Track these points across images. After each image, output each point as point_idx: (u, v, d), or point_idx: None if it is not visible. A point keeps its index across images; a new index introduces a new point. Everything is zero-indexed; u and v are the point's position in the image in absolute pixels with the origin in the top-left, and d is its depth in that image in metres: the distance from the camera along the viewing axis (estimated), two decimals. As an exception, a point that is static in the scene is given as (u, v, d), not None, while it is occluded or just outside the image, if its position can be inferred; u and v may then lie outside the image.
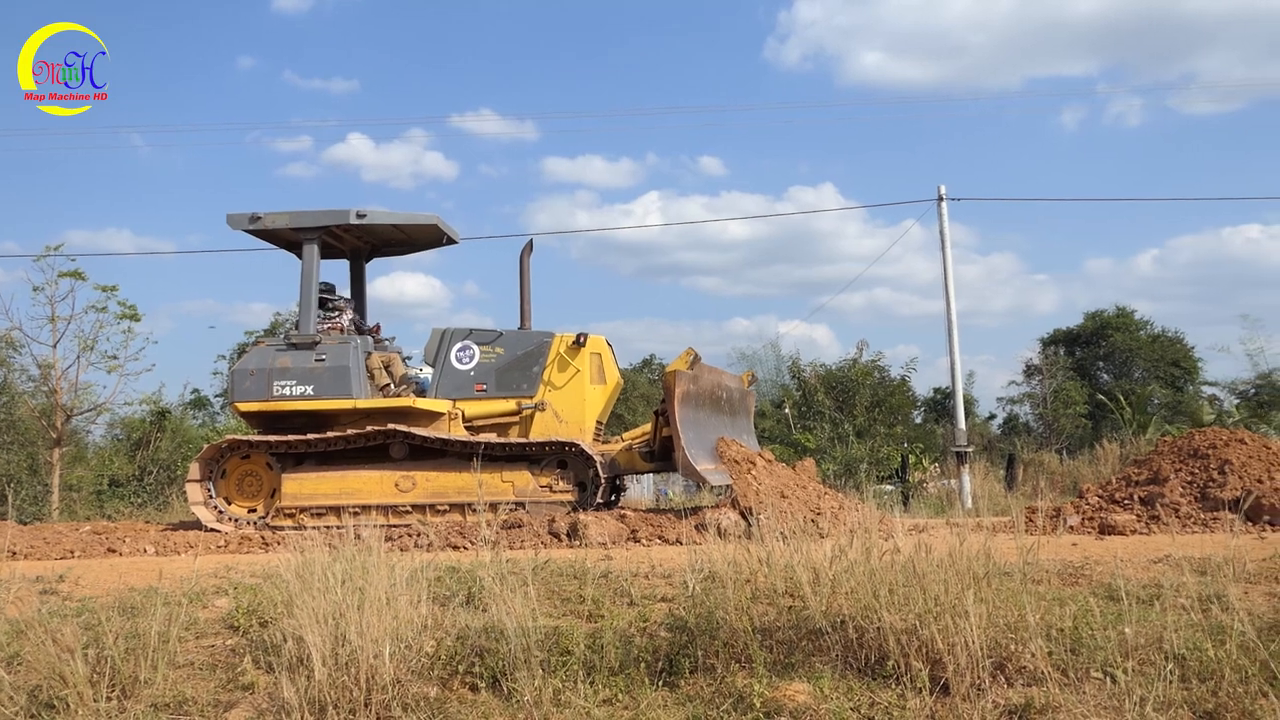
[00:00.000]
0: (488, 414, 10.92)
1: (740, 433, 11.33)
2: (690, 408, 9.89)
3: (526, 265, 11.42)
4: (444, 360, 11.04)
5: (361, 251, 12.43)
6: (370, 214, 11.04)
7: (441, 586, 5.90)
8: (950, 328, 19.29)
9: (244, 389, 10.76)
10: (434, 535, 8.29)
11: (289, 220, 11.03)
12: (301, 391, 10.62)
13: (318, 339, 10.81)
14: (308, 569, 5.21)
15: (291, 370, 10.68)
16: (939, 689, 4.42)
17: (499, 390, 10.92)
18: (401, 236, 12.06)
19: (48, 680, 4.66)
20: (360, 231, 11.67)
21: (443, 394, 10.94)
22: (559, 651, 4.87)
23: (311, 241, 11.02)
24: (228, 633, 5.46)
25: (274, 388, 10.63)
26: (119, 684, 4.69)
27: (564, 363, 10.87)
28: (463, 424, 10.83)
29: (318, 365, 10.67)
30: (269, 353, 10.91)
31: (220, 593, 6.11)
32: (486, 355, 10.98)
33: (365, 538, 5.57)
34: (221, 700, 4.76)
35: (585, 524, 8.45)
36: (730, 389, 11.30)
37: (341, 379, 10.61)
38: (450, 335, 11.17)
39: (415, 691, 4.65)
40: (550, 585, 6.07)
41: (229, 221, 11.15)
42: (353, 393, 10.58)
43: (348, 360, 10.65)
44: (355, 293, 12.45)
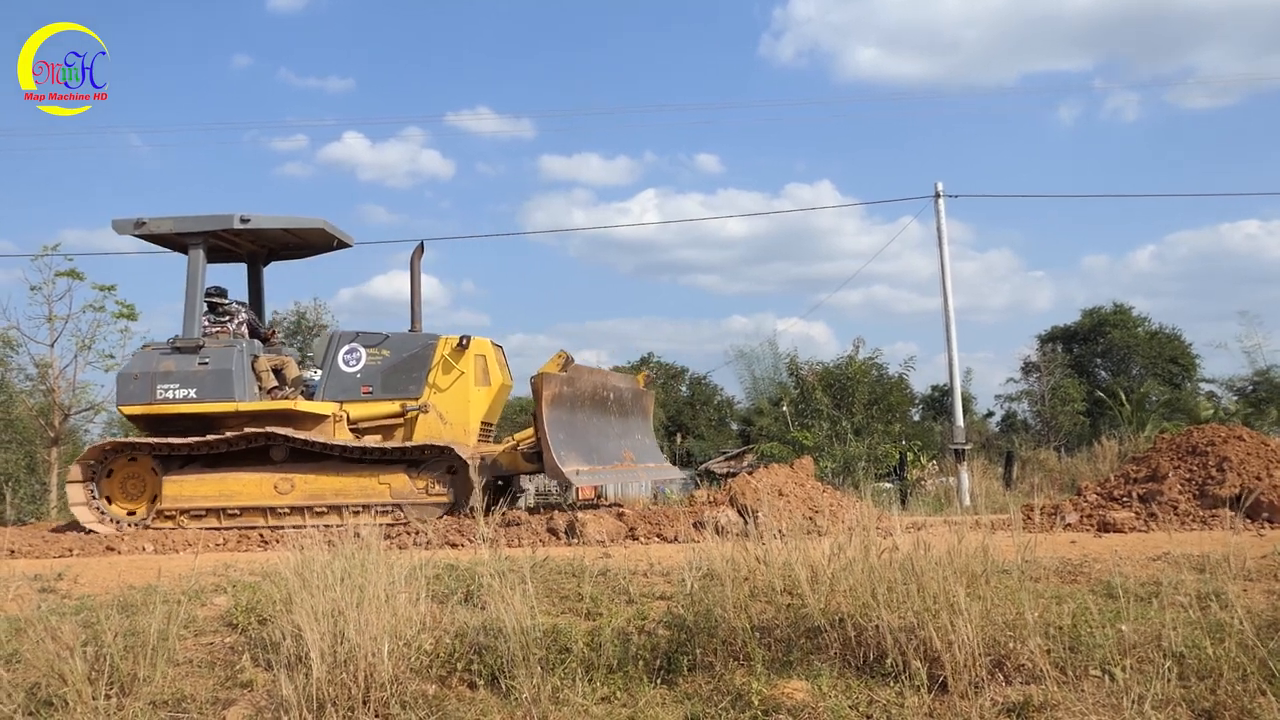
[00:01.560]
0: (372, 416, 10.96)
1: (632, 433, 11.56)
2: (563, 410, 9.99)
3: (417, 268, 11.48)
4: (332, 362, 11.09)
5: (258, 256, 12.49)
6: (254, 219, 11.09)
7: (440, 584, 5.90)
8: (948, 325, 19.28)
9: (128, 392, 10.81)
10: (432, 533, 8.29)
11: (173, 225, 11.09)
12: (184, 395, 10.64)
13: (201, 343, 10.84)
14: (307, 567, 5.21)
15: (175, 374, 10.70)
16: (937, 687, 4.43)
17: (385, 392, 10.96)
18: (294, 240, 12.11)
19: (46, 678, 4.66)
20: (252, 236, 11.69)
21: (330, 396, 10.99)
22: (557, 649, 4.87)
23: (196, 246, 11.06)
24: (227, 630, 5.46)
25: (157, 391, 10.67)
26: (118, 682, 4.69)
27: (448, 365, 10.88)
28: (347, 426, 10.88)
29: (201, 368, 10.70)
30: (153, 356, 10.92)
31: (219, 590, 6.11)
32: (373, 358, 11.03)
33: (364, 535, 5.57)
34: (220, 698, 4.77)
35: (583, 522, 8.46)
36: (621, 390, 11.45)
37: (224, 382, 10.62)
38: (338, 338, 11.26)
39: (414, 689, 4.65)
40: (548, 583, 6.07)
41: (115, 227, 11.20)
42: (235, 395, 10.61)
43: (230, 363, 10.67)
44: (253, 296, 12.52)
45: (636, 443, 11.66)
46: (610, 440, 10.99)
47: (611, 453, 10.81)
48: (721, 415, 57.29)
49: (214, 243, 11.59)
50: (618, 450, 10.99)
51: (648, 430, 12.26)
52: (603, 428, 10.84)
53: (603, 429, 10.84)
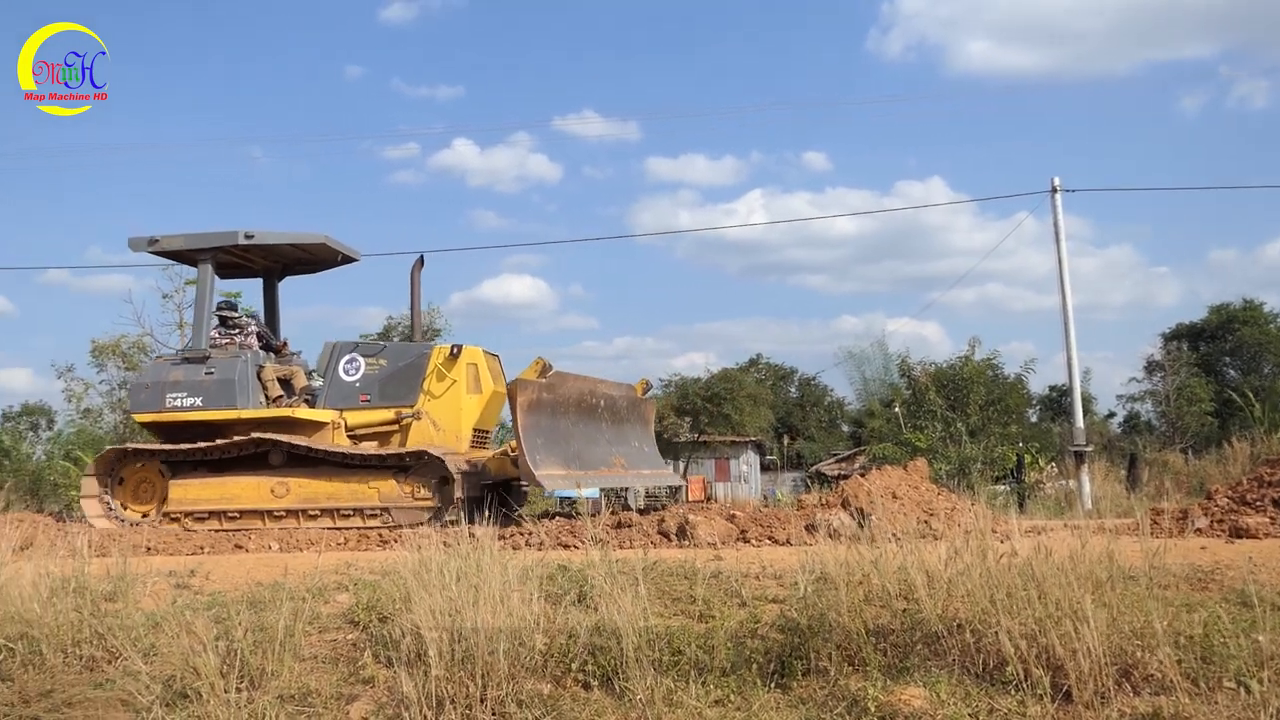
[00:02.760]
0: (369, 423, 11.24)
1: (628, 440, 11.77)
2: (542, 415, 10.13)
3: (417, 280, 11.81)
4: (332, 372, 11.43)
5: (272, 271, 12.99)
6: (259, 234, 11.50)
7: (553, 585, 5.95)
8: (1066, 323, 18.78)
9: (139, 401, 11.42)
10: (545, 535, 8.38)
11: (184, 242, 11.57)
12: (191, 403, 11.09)
13: (208, 353, 11.28)
14: (424, 566, 5.33)
15: (183, 383, 11.17)
16: (1061, 696, 4.31)
17: (382, 400, 11.23)
18: (302, 255, 12.54)
19: (182, 671, 4.86)
20: (261, 251, 12.11)
21: (330, 404, 11.31)
22: (670, 651, 4.88)
23: (205, 262, 11.56)
24: (349, 627, 5.61)
25: (166, 399, 11.14)
26: (248, 675, 4.86)
27: (441, 374, 11.11)
28: (345, 433, 11.17)
29: (207, 378, 11.14)
30: (164, 367, 11.53)
31: (341, 589, 6.28)
32: (371, 367, 11.31)
33: (479, 536, 5.67)
34: (343, 693, 4.90)
35: (695, 524, 8.46)
36: (612, 397, 11.63)
37: (228, 391, 11.04)
38: (339, 348, 11.57)
39: (529, 688, 4.72)
40: (660, 585, 6.08)
41: (130, 245, 11.70)
42: (237, 403, 10.99)
43: (234, 373, 11.09)
44: (267, 310, 13.09)
45: (633, 449, 11.86)
46: (599, 446, 11.16)
47: (599, 458, 10.97)
48: (832, 417, 56.70)
49: (226, 259, 12.12)
50: (607, 456, 11.16)
51: (646, 437, 12.51)
52: (591, 434, 11.04)
53: (591, 435, 11.03)
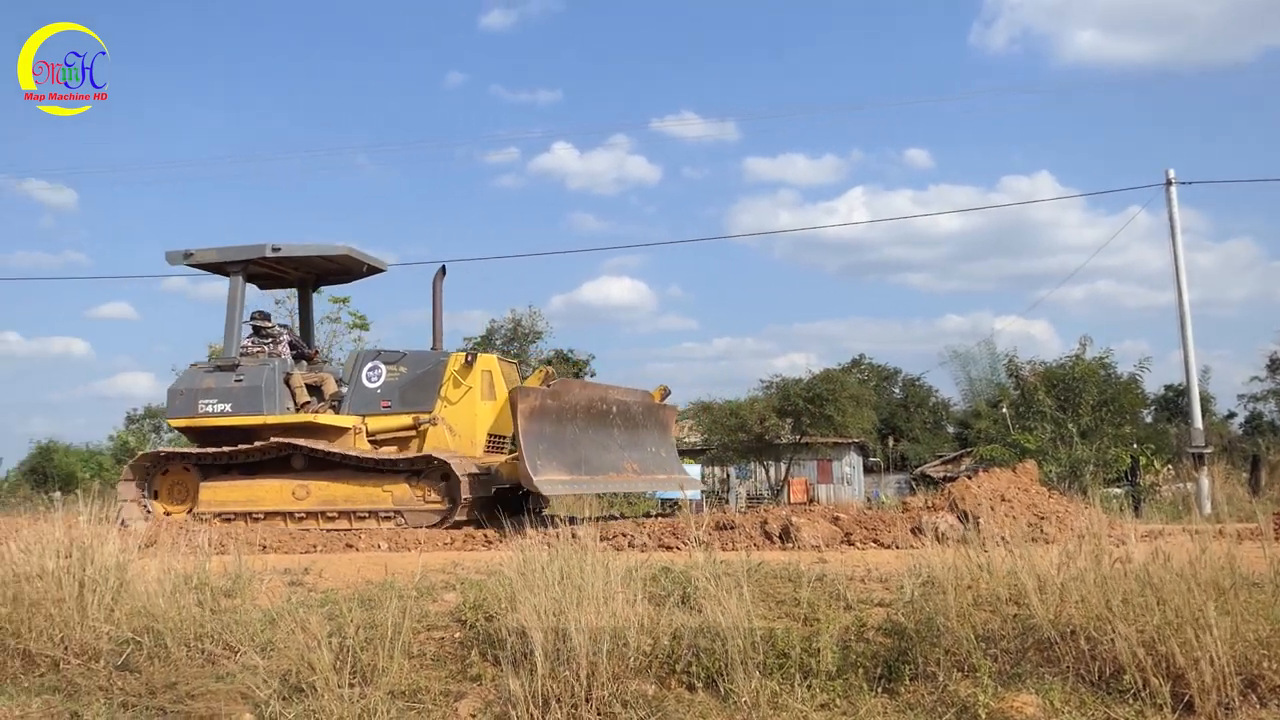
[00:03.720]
0: (389, 428, 11.55)
1: (644, 445, 11.96)
2: (545, 422, 10.33)
3: (439, 290, 12.15)
4: (356, 379, 11.79)
5: (306, 282, 13.58)
6: (285, 247, 11.99)
7: (656, 586, 5.96)
8: (1183, 320, 18.15)
9: (175, 407, 11.96)
10: (647, 536, 8.41)
11: (216, 255, 12.12)
12: (221, 409, 11.62)
13: (238, 361, 11.81)
14: (528, 566, 5.40)
15: (214, 390, 11.71)
16: (1182, 707, 4.17)
17: (402, 406, 11.54)
18: (331, 266, 13.05)
19: (297, 666, 5.00)
20: (292, 263, 12.61)
21: (353, 410, 11.66)
22: (775, 654, 4.85)
23: (236, 274, 12.05)
24: (456, 626, 5.69)
25: (199, 405, 11.70)
26: (359, 671, 4.98)
27: (457, 381, 11.40)
28: (366, 438, 11.50)
29: (236, 385, 11.65)
30: (197, 374, 12.08)
31: (448, 588, 6.38)
32: (392, 374, 11.66)
33: (581, 537, 5.72)
34: (451, 690, 4.99)
35: (798, 526, 8.40)
36: (626, 404, 11.84)
37: (255, 397, 11.52)
38: (362, 356, 12.12)
39: (634, 689, 4.74)
40: (764, 587, 6.05)
41: (167, 258, 12.31)
42: (264, 409, 11.44)
43: (261, 380, 11.57)
44: (302, 319, 13.73)
45: (649, 455, 12.02)
46: (610, 452, 11.29)
47: (609, 463, 11.12)
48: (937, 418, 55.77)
49: (260, 271, 12.68)
50: (618, 461, 11.31)
51: (664, 442, 12.67)
52: (602, 440, 11.20)
53: (602, 441, 11.19)
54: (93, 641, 5.60)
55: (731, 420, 34.61)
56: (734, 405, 35.43)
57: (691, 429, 40.48)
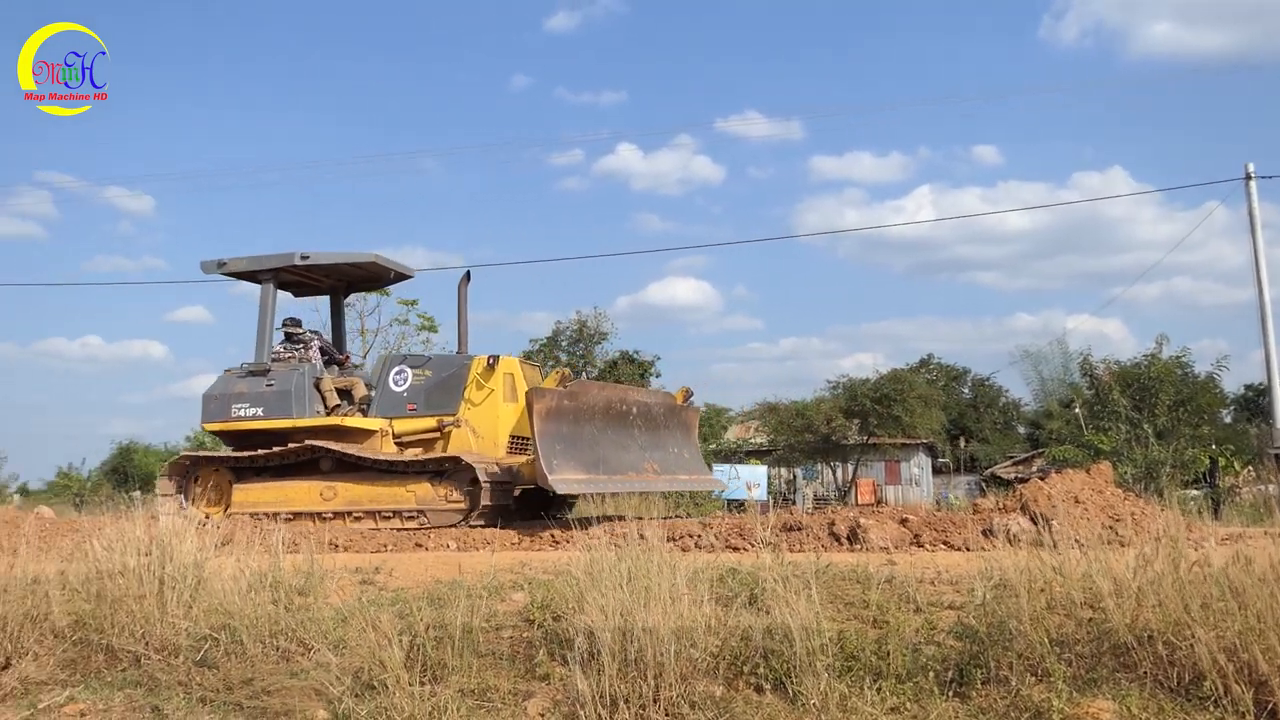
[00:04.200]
0: (415, 430, 11.84)
1: (665, 446, 12.14)
2: (564, 423, 10.52)
3: (464, 295, 12.53)
4: (383, 382, 12.15)
5: (337, 289, 14.10)
6: (313, 255, 12.42)
7: (723, 587, 5.95)
8: (1264, 317, 17.72)
9: (209, 411, 12.41)
10: (714, 536, 8.39)
11: (247, 264, 12.61)
12: (253, 413, 12.11)
13: (269, 366, 12.29)
14: (596, 567, 5.42)
15: (246, 394, 12.20)
16: (1266, 715, 4.05)
17: (427, 409, 11.82)
18: (360, 273, 13.45)
19: (368, 664, 5.06)
20: (321, 271, 12.98)
21: (381, 413, 12.00)
22: (844, 656, 4.81)
23: (267, 282, 12.55)
24: (524, 625, 5.73)
25: (232, 410, 12.21)
26: (429, 669, 5.04)
27: (480, 383, 11.69)
28: (393, 440, 11.85)
29: (267, 389, 12.13)
30: (231, 380, 12.49)
31: (516, 587, 6.43)
32: (418, 377, 11.98)
33: (648, 537, 5.72)
34: (520, 690, 5.02)
35: (866, 527, 8.32)
36: (648, 405, 12.10)
37: (285, 401, 12.00)
38: (390, 360, 12.47)
39: (701, 690, 4.73)
40: (832, 589, 6.01)
41: (202, 267, 12.79)
42: (294, 413, 11.91)
43: (291, 385, 12.04)
44: (334, 325, 14.30)
45: (671, 455, 12.20)
46: (630, 452, 11.46)
47: (628, 463, 11.27)
48: (1007, 418, 54.91)
49: (292, 278, 13.19)
50: (638, 461, 11.47)
51: (687, 444, 12.82)
52: (621, 440, 11.38)
53: (621, 441, 11.37)
54: (172, 637, 5.73)
55: (798, 421, 34.45)
56: (800, 406, 35.26)
57: (757, 430, 40.35)
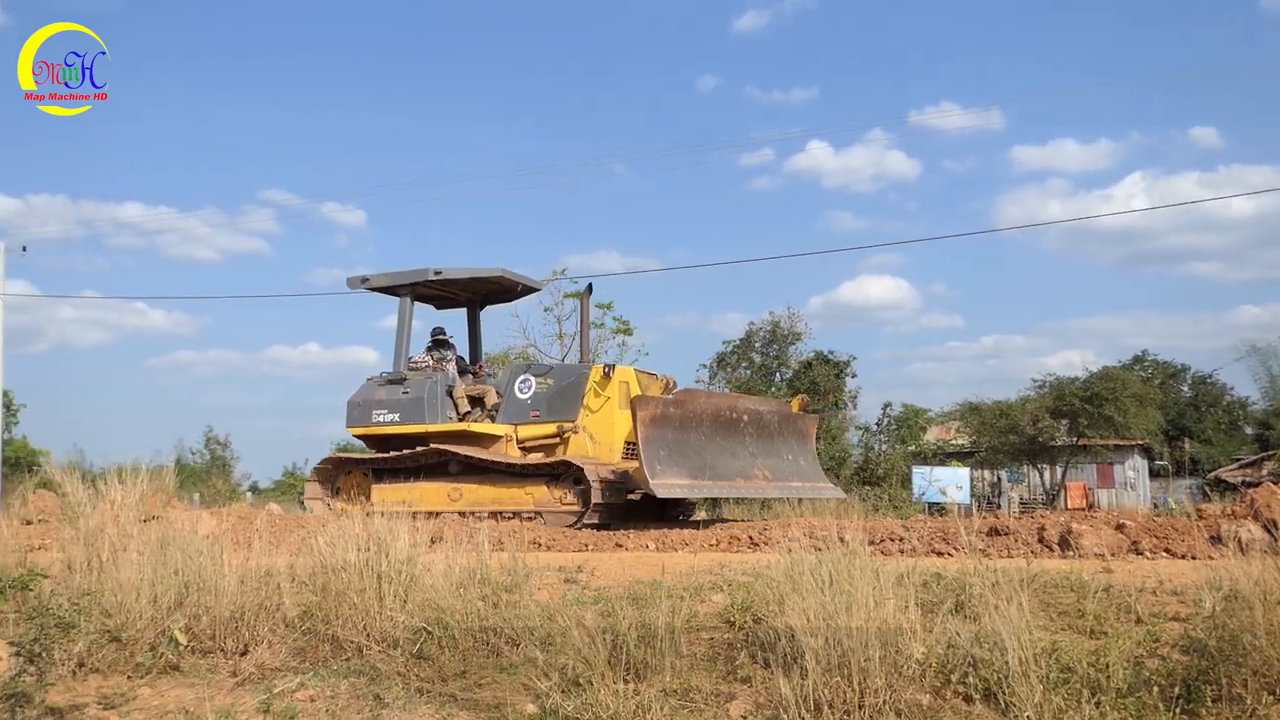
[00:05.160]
0: (537, 436, 12.41)
1: (779, 453, 12.27)
2: (669, 429, 10.74)
3: (586, 306, 13.07)
4: (510, 390, 12.78)
5: (473, 301, 14.85)
6: (445, 271, 13.17)
7: (927, 592, 5.82)
8: None
9: (352, 416, 13.31)
10: (917, 540, 8.20)
11: (387, 280, 13.45)
12: (391, 418, 12.94)
13: (405, 375, 13.10)
14: (796, 569, 5.38)
15: (385, 401, 13.04)
16: None
17: (549, 415, 12.37)
18: (495, 287, 14.11)
19: (574, 661, 5.19)
20: (457, 285, 13.74)
21: (506, 419, 12.65)
22: (1059, 668, 4.61)
23: (404, 296, 13.36)
24: (725, 627, 5.75)
25: (373, 415, 13.07)
26: (633, 668, 5.12)
27: (597, 392, 12.17)
28: (516, 445, 12.43)
29: (403, 397, 12.92)
30: (372, 387, 13.35)
31: (716, 589, 6.46)
32: (541, 385, 12.58)
33: (848, 540, 5.64)
34: (722, 691, 5.03)
35: (1079, 533, 7.96)
36: (759, 413, 12.25)
37: (418, 407, 12.73)
38: (515, 369, 13.18)
39: (907, 697, 4.62)
40: (1043, 597, 5.78)
41: (348, 283, 13.69)
42: (426, 419, 12.61)
43: (424, 392, 12.76)
44: (470, 335, 14.90)
45: (785, 463, 12.36)
46: (739, 459, 11.59)
47: (737, 469, 11.44)
48: (1233, 418, 51.37)
49: (431, 292, 14.05)
50: (748, 468, 11.61)
51: (803, 451, 12.95)
52: (732, 447, 11.54)
53: (730, 448, 11.53)
54: (390, 630, 6.02)
55: (1001, 421, 33.26)
56: (1004, 406, 34.03)
57: (958, 431, 39.16)
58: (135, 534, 7.28)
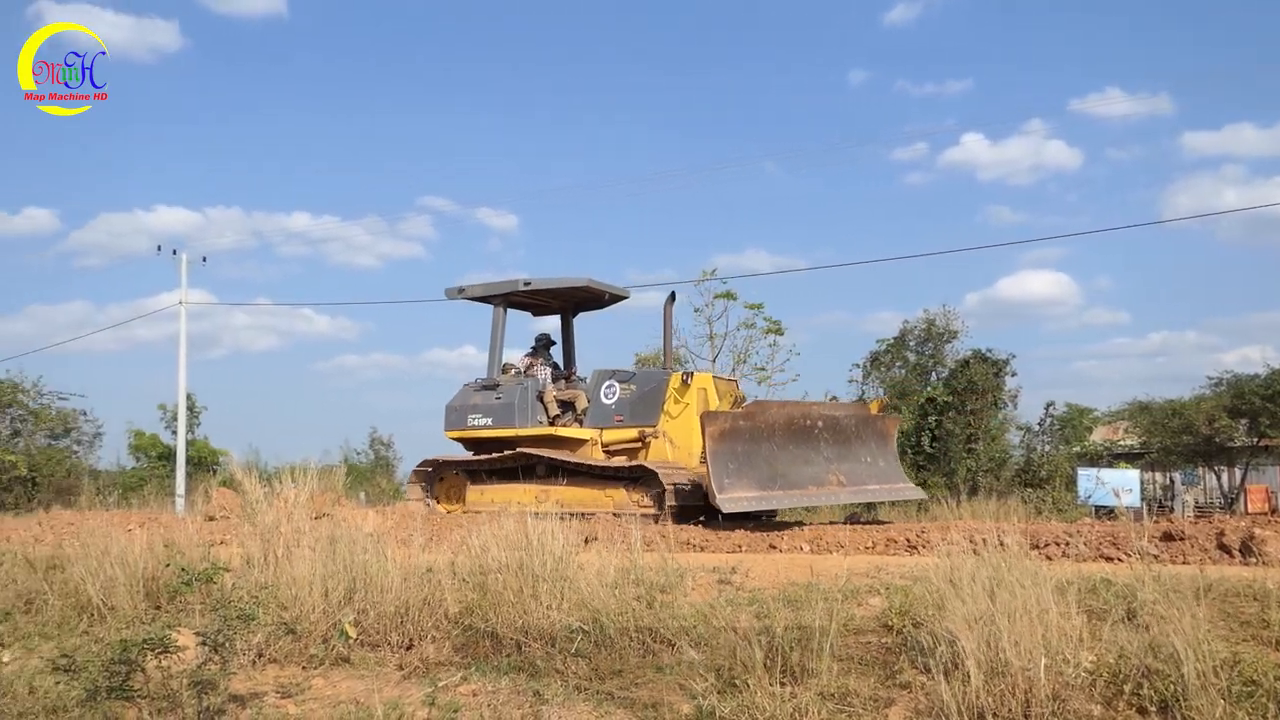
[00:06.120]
0: (620, 440, 12.81)
1: (857, 457, 12.23)
2: (738, 441, 10.81)
3: (669, 315, 13.31)
4: (596, 396, 13.23)
5: (566, 309, 15.29)
6: (535, 281, 13.69)
7: (1095, 599, 5.60)
8: None
9: (450, 420, 13.95)
10: (1083, 545, 7.89)
11: (482, 290, 14.04)
12: (484, 422, 13.57)
13: (498, 381, 13.75)
14: (956, 574, 5.26)
15: (480, 406, 13.68)
16: None
17: (632, 420, 12.78)
18: (585, 295, 14.45)
19: (729, 662, 5.19)
20: (549, 295, 14.21)
21: (593, 423, 13.09)
22: (1241, 681, 4.37)
23: (498, 305, 13.98)
24: (882, 631, 5.65)
25: (468, 419, 13.70)
26: (789, 670, 5.08)
27: (677, 398, 12.55)
28: (601, 448, 12.85)
29: (496, 401, 13.54)
30: (469, 392, 13.98)
31: (873, 592, 6.36)
32: (625, 391, 12.99)
33: (1009, 544, 5.48)
34: (880, 696, 4.95)
35: (1263, 539, 7.52)
36: (835, 418, 12.25)
37: (509, 412, 13.36)
38: (602, 375, 13.40)
39: (1076, 708, 4.46)
40: (1223, 606, 5.48)
41: (446, 294, 14.31)
42: (516, 423, 13.24)
43: (515, 398, 13.38)
44: (564, 341, 15.29)
45: (863, 465, 12.33)
46: (814, 465, 11.63)
47: (809, 476, 11.44)
48: None
49: (527, 301, 14.54)
50: (822, 474, 11.61)
51: (883, 453, 12.88)
52: (805, 455, 11.59)
53: (805, 456, 11.58)
54: (547, 627, 6.15)
55: (1174, 421, 31.66)
56: (1177, 405, 32.39)
57: (1127, 431, 37.51)
58: (307, 531, 7.64)
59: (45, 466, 28.78)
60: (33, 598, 8.12)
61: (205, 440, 33.62)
